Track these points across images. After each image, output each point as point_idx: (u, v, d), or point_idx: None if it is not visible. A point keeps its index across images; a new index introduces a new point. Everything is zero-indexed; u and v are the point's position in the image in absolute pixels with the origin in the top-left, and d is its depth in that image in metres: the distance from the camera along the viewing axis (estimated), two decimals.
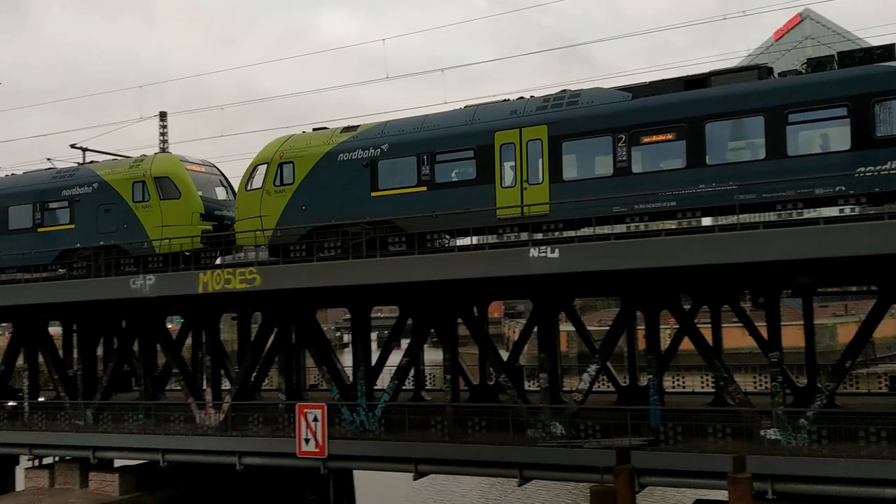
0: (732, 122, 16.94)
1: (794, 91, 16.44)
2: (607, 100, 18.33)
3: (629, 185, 17.46)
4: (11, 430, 25.71)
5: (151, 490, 24.08)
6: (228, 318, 32.84)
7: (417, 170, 19.80)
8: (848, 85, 15.89)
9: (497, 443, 19.06)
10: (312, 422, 20.67)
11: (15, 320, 27.99)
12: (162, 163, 24.39)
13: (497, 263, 17.77)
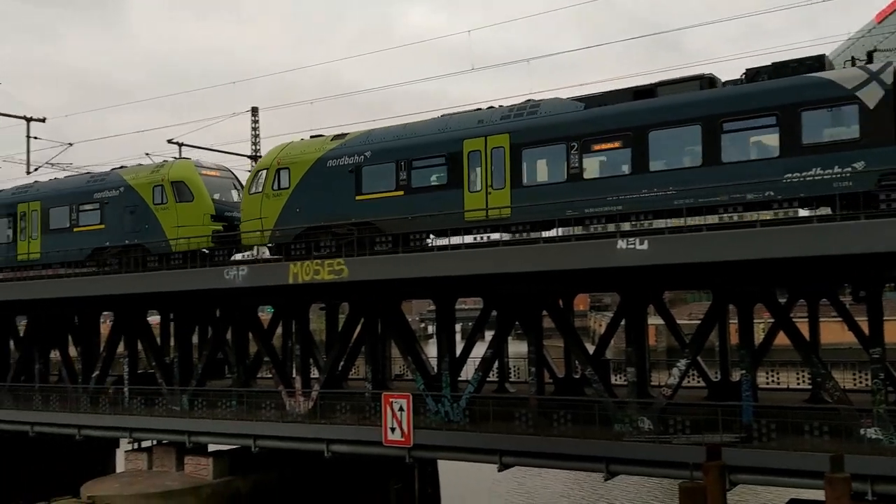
0: (673, 131, 17.74)
1: (729, 101, 17.31)
2: (562, 110, 19.49)
3: (581, 191, 18.51)
4: (113, 414, 26.84)
5: (243, 474, 24.78)
6: (317, 309, 33.56)
7: (396, 175, 21.29)
8: (777, 95, 16.67)
9: (583, 436, 18.84)
10: (398, 411, 20.90)
11: (116, 309, 29.27)
12: (178, 168, 26.43)
13: (583, 255, 17.55)
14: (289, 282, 21.40)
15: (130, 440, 26.77)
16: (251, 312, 27.13)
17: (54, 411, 28.12)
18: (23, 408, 28.93)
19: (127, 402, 27.08)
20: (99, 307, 30.81)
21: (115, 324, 29.87)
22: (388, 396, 21.25)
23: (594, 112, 18.94)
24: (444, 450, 21.18)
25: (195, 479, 24.48)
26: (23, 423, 28.44)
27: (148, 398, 26.77)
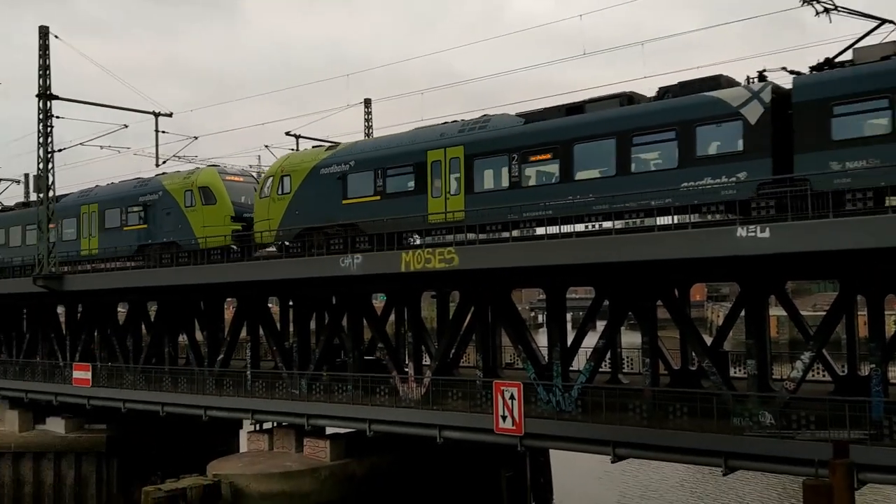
0: (593, 144, 19.76)
1: (638, 117, 19.16)
2: (506, 125, 21.84)
3: (520, 197, 20.62)
4: (236, 396, 28.08)
5: (359, 457, 25.43)
6: (428, 296, 34.03)
7: (374, 182, 23.95)
8: (677, 112, 18.39)
9: (700, 430, 18.33)
10: (509, 399, 20.94)
11: (239, 296, 30.57)
12: (204, 175, 29.83)
13: (701, 243, 17.04)
14: (401, 270, 21.74)
15: (252, 422, 27.90)
16: (365, 300, 27.76)
17: (183, 393, 29.61)
18: (154, 389, 30.62)
19: (249, 385, 28.22)
20: (223, 294, 32.25)
21: (238, 310, 31.18)
22: (499, 384, 21.32)
23: (531, 127, 21.17)
24: (556, 439, 21.07)
25: (313, 461, 25.31)
26: (154, 404, 30.12)
27: (269, 382, 27.81)
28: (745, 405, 18.58)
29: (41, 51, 31.59)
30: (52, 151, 32.12)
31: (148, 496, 22.62)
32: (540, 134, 20.78)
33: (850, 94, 16.35)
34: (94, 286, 31.70)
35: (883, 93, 15.86)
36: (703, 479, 34.96)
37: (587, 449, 20.65)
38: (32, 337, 38.20)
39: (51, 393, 33.96)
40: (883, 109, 15.89)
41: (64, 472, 33.52)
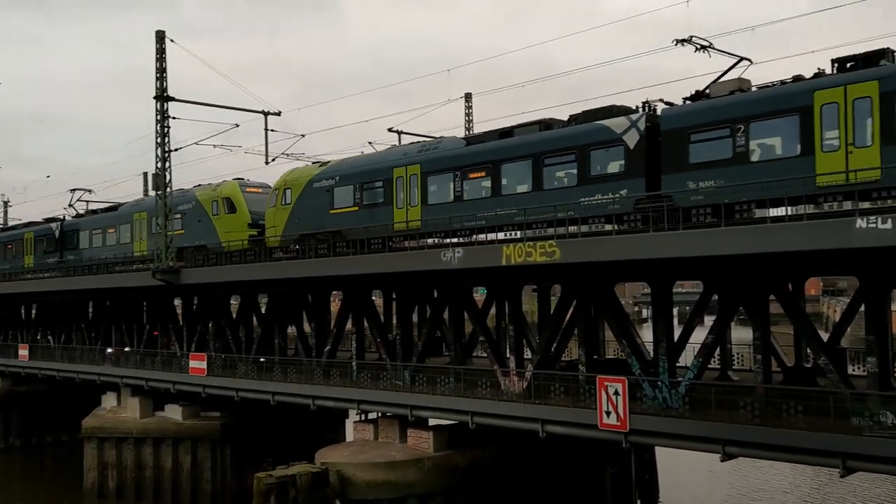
0: (515, 164, 23.14)
1: (548, 142, 22.46)
2: (452, 146, 25.50)
3: (461, 209, 24.16)
4: (342, 386, 28.75)
5: (461, 449, 25.61)
6: (529, 290, 33.87)
7: (354, 195, 27.84)
8: (577, 138, 21.64)
9: (815, 429, 17.55)
10: (613, 395, 20.62)
11: (344, 289, 31.27)
12: (227, 187, 34.38)
13: (817, 236, 16.28)
14: (501, 263, 21.74)
15: (358, 411, 28.52)
16: (466, 293, 27.89)
17: (292, 382, 30.54)
18: (265, 379, 31.71)
19: (355, 376, 28.83)
20: (329, 287, 33.07)
21: (343, 303, 31.90)
22: (603, 380, 21.03)
23: (471, 148, 24.80)
24: (662, 436, 20.59)
25: (417, 452, 25.66)
26: (265, 393, 31.19)
27: (374, 373, 28.35)
28: (864, 404, 17.68)
29: (158, 54, 33.13)
30: (168, 151, 33.69)
31: (260, 482, 23.46)
32: (477, 155, 24.33)
33: (702, 123, 19.23)
34: (208, 279, 33.07)
35: (727, 123, 18.71)
36: (817, 480, 33.54)
37: (695, 447, 20.10)
38: (152, 328, 40.23)
39: (169, 381, 35.68)
40: (726, 137, 18.70)
41: (181, 458, 35.19)
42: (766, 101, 18.50)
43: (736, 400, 19.51)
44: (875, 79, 16.81)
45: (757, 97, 18.80)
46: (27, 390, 49.06)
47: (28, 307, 52.74)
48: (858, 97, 16.93)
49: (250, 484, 25.03)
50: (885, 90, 16.53)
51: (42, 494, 39.00)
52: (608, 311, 23.79)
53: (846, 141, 17.05)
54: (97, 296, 43.22)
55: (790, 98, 18.02)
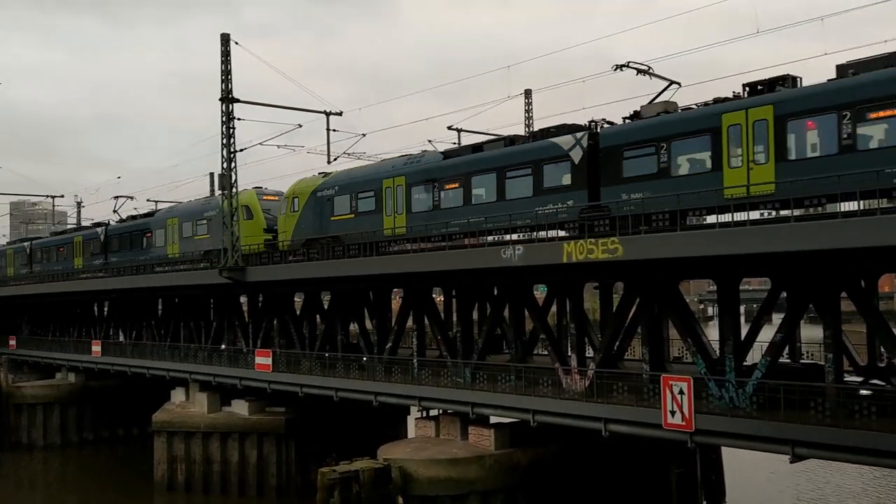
0: (483, 176, 25.63)
1: (510, 157, 25.01)
2: (432, 160, 28.16)
3: (440, 216, 26.64)
4: (404, 383, 28.93)
5: (523, 447, 25.54)
6: (591, 287, 33.55)
7: (350, 203, 30.65)
8: (532, 154, 24.21)
9: (892, 431, 16.94)
10: (678, 394, 20.28)
11: (405, 286, 31.46)
12: (246, 196, 37.10)
13: (889, 231, 15.72)
14: (562, 261, 21.58)
15: (419, 408, 28.66)
16: (526, 291, 27.77)
17: (354, 379, 30.87)
18: (328, 375, 32.12)
19: (416, 373, 29.00)
20: (390, 284, 33.31)
21: (404, 300, 32.10)
22: (668, 379, 20.69)
23: (447, 161, 27.36)
24: (729, 437, 20.14)
25: (478, 449, 25.67)
26: (328, 389, 31.60)
27: (435, 370, 28.45)
28: None
29: (223, 56, 33.84)
30: (234, 151, 34.38)
31: (324, 477, 23.79)
32: (452, 168, 26.87)
33: (633, 142, 21.56)
34: (273, 277, 33.66)
35: (653, 142, 20.94)
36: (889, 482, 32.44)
37: (763, 447, 19.63)
38: (219, 325, 41.16)
39: (235, 377, 36.45)
40: (652, 154, 20.92)
41: (248, 452, 35.93)
42: (684, 122, 20.70)
43: (806, 400, 18.96)
44: (770, 103, 18.76)
45: (677, 119, 21.03)
46: (100, 385, 50.84)
47: (100, 305, 54.49)
48: (757, 119, 18.93)
49: (314, 479, 25.40)
50: (779, 114, 18.52)
51: (114, 487, 40.29)
52: (672, 308, 23.38)
53: (748, 158, 19.07)
54: (166, 293, 44.41)
55: (703, 120, 20.12)
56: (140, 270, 43.86)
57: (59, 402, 50.66)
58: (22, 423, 50.22)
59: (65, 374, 52.97)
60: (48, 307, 58.36)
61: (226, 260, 34.14)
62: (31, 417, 50.30)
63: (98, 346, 48.61)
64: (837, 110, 17.64)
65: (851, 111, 17.36)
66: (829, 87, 18.23)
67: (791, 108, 18.46)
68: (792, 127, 18.44)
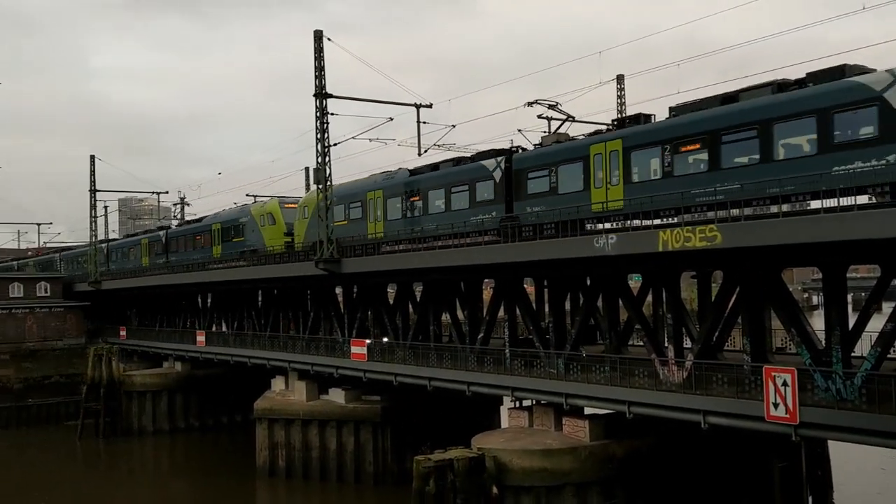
0: (436, 191, 31.33)
1: (453, 175, 30.93)
2: (402, 177, 33.84)
3: (408, 223, 32.62)
4: (496, 373, 28.97)
5: (619, 439, 25.22)
6: (687, 277, 32.75)
7: (344, 211, 36.66)
8: (468, 173, 30.00)
9: None
10: (781, 386, 19.60)
11: (496, 276, 31.47)
12: (270, 204, 45.68)
13: None
14: (658, 249, 21.15)
15: (513, 398, 28.65)
16: (621, 280, 27.34)
17: (447, 368, 31.12)
18: (422, 364, 32.49)
19: (508, 363, 28.99)
20: (481, 275, 33.38)
21: (495, 291, 32.12)
22: (770, 370, 20.02)
23: (412, 178, 33.14)
24: (836, 430, 19.37)
25: (572, 440, 25.50)
26: (422, 378, 31.98)
27: (527, 360, 28.38)
28: None
29: (316, 53, 34.51)
30: (328, 146, 35.07)
31: (419, 465, 24.11)
32: (415, 183, 32.76)
33: (534, 166, 27.14)
34: (366, 268, 34.24)
35: (546, 166, 26.55)
36: None
37: (873, 441, 18.79)
38: (316, 315, 42.19)
39: (332, 366, 37.31)
40: (546, 176, 26.51)
41: (345, 440, 36.78)
42: (565, 151, 26.27)
43: None
44: (620, 138, 24.10)
45: (561, 148, 26.64)
46: (204, 374, 52.98)
47: (204, 296, 56.69)
48: (613, 150, 24.18)
49: (410, 467, 25.77)
50: (626, 146, 23.80)
51: (219, 472, 41.92)
52: (775, 297, 22.59)
53: (606, 181, 24.31)
54: (265, 285, 45.79)
55: (577, 150, 25.66)
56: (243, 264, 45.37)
57: (166, 389, 53.13)
58: (133, 409, 52.85)
59: (172, 363, 55.45)
60: (155, 299, 61.14)
61: (321, 252, 34.91)
62: (140, 404, 52.90)
63: (202, 336, 50.64)
64: (661, 145, 22.79)
65: (669, 146, 22.46)
66: (657, 126, 23.67)
67: (633, 143, 23.72)
68: (634, 157, 23.64)
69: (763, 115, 20.21)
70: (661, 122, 23.59)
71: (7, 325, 60.85)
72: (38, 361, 58.65)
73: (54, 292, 64.68)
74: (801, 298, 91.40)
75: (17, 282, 64.31)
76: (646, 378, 24.12)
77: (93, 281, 63.10)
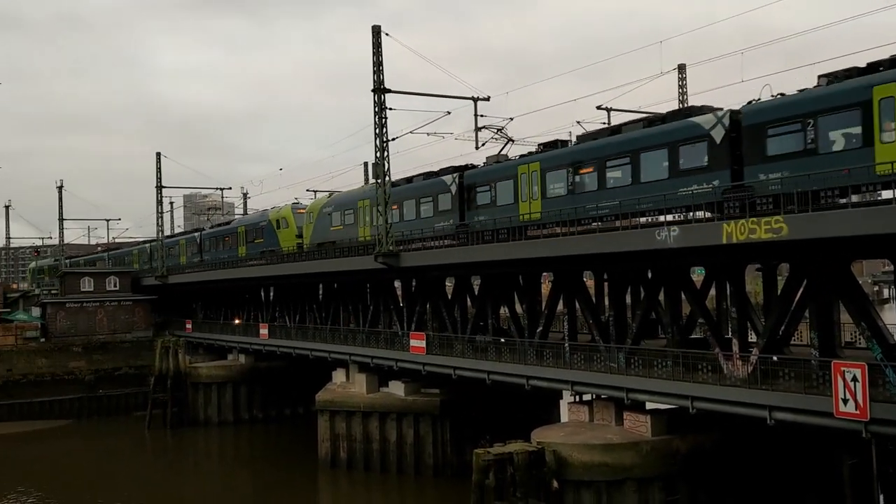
0: (410, 201, 37.10)
1: (422, 189, 36.50)
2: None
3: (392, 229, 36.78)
4: (556, 367, 28.83)
5: (681, 434, 24.86)
6: (752, 269, 32.04)
7: (341, 218, 42.71)
8: (432, 187, 35.61)
9: None
10: (851, 381, 19.06)
11: (554, 270, 31.28)
12: (284, 210, 51.39)
13: None
14: (722, 242, 20.80)
15: (572, 393, 28.47)
16: (683, 273, 26.89)
17: (506, 362, 31.08)
18: (480, 358, 32.51)
19: (568, 357, 28.81)
20: (539, 268, 33.23)
21: (554, 284, 31.93)
22: (839, 365, 19.48)
23: (393, 189, 36.94)
24: None
25: (634, 435, 25.23)
26: (481, 372, 31.99)
27: (587, 354, 28.16)
28: None
29: (374, 48, 34.76)
30: (386, 140, 35.30)
31: (479, 458, 24.17)
32: (394, 194, 36.73)
33: (478, 182, 32.87)
34: (425, 262, 34.44)
35: (487, 183, 32.23)
36: None
37: None
38: (375, 309, 42.59)
39: (392, 359, 37.63)
40: (487, 191, 32.06)
41: (405, 432, 37.07)
42: (502, 170, 31.67)
43: None
44: (539, 161, 29.59)
45: (499, 167, 32.26)
46: (267, 366, 54.01)
47: (266, 290, 57.76)
48: (534, 171, 29.50)
49: (469, 460, 25.86)
50: (543, 168, 29.14)
51: (281, 463, 42.71)
52: (844, 290, 21.96)
53: (530, 195, 29.60)
54: (326, 279, 46.43)
55: (510, 169, 31.04)
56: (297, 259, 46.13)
57: (231, 381, 54.34)
58: (198, 400, 54.21)
59: (236, 355, 56.69)
60: (219, 293, 62.53)
61: (380, 246, 35.20)
62: (206, 396, 54.22)
63: (265, 329, 51.62)
64: (567, 167, 28.06)
65: (573, 167, 27.76)
66: (564, 151, 29.07)
67: (547, 165, 29.07)
68: (549, 176, 28.87)
69: (633, 147, 25.43)
70: (567, 149, 29.23)
71: (79, 318, 63.11)
72: (108, 353, 60.66)
73: (123, 286, 66.73)
74: (872, 291, 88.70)
75: (88, 276, 66.51)
76: (709, 373, 23.70)
77: (159, 275, 64.89)
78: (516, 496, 23.86)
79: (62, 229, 76.07)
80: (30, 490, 38.20)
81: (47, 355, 58.67)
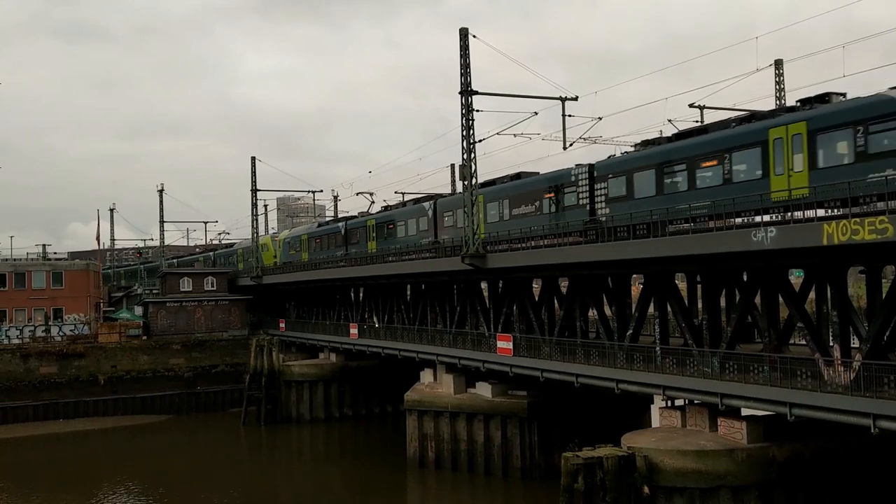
0: (402, 223, 47.49)
1: (408, 213, 47.10)
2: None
3: (389, 244, 48.45)
4: (647, 371, 28.30)
5: (779, 442, 24.05)
6: (855, 272, 30.71)
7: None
8: (414, 213, 46.29)
9: None
10: None
11: (645, 272, 30.71)
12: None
13: None
14: (822, 243, 20.06)
15: (664, 397, 27.90)
16: (781, 275, 26.00)
17: (595, 365, 30.71)
18: (568, 360, 32.21)
19: (659, 361, 28.25)
20: (629, 270, 32.69)
21: (644, 286, 31.36)
22: None
23: (382, 214, 52.05)
24: None
25: (729, 442, 24.56)
26: (569, 374, 31.72)
27: (679, 358, 27.54)
28: None
29: (461, 51, 34.91)
30: (473, 142, 35.40)
31: (568, 462, 23.97)
32: (386, 217, 49.15)
33: (446, 209, 42.34)
34: (512, 263, 34.37)
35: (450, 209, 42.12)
36: None
37: None
38: (462, 310, 42.76)
39: (479, 360, 37.70)
40: (451, 216, 41.75)
41: (492, 434, 37.09)
42: (460, 200, 38.27)
43: None
44: (482, 194, 37.36)
45: (453, 199, 41.75)
46: (357, 365, 54.99)
47: (356, 291, 58.83)
48: (481, 202, 37.20)
49: (557, 463, 25.67)
50: (485, 200, 37.28)
51: (370, 461, 43.39)
52: None
53: (483, 220, 37.20)
54: (413, 280, 46.94)
55: (459, 201, 38.67)
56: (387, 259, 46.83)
57: (322, 379, 55.55)
58: (291, 398, 55.60)
59: (327, 354, 57.94)
60: (311, 293, 64.04)
61: (467, 247, 35.34)
62: (298, 393, 55.57)
63: (355, 328, 52.57)
64: (506, 199, 36.52)
65: (510, 199, 36.15)
66: (505, 186, 37.16)
67: (488, 198, 37.37)
68: (489, 206, 37.33)
69: (553, 183, 33.80)
70: (506, 185, 37.43)
71: (178, 317, 65.72)
72: (205, 351, 62.91)
73: (220, 286, 69.14)
74: None
75: (187, 276, 69.21)
76: (809, 379, 22.84)
77: (254, 276, 66.98)
78: (606, 501, 23.56)
79: (163, 231, 79.50)
80: (136, 482, 40.03)
81: (149, 352, 61.27)
